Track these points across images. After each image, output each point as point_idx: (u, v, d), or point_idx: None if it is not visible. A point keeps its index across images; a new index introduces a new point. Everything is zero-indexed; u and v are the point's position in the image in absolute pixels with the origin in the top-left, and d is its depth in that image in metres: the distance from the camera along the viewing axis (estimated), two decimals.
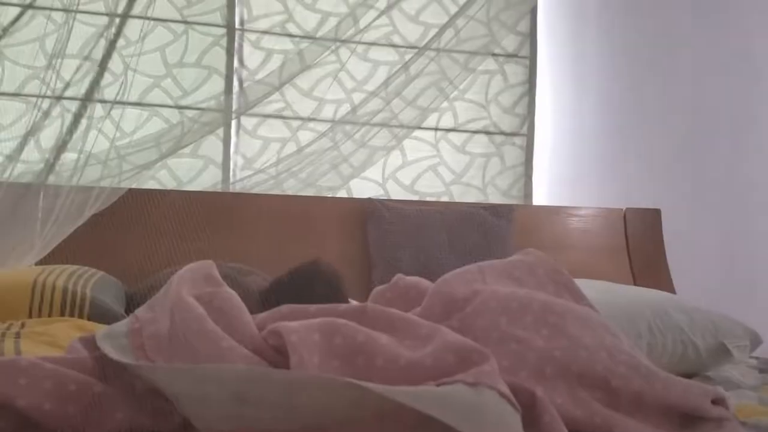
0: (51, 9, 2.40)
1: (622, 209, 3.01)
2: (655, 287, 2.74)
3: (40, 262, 2.14)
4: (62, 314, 1.68)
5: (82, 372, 0.94)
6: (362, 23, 2.70)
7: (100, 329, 1.52)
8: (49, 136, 2.37)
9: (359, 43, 2.96)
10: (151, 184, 2.68)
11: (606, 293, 2.03)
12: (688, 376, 1.79)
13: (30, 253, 2.05)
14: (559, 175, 3.27)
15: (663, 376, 1.05)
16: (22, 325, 1.50)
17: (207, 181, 2.83)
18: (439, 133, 3.17)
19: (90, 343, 1.03)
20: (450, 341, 0.96)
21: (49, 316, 1.66)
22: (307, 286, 1.56)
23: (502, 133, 3.26)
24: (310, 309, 1.05)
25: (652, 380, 1.04)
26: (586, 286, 2.19)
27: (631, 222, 3.00)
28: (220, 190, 2.79)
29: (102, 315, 1.71)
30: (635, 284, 2.85)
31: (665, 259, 2.91)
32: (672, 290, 2.78)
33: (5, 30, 2.14)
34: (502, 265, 1.29)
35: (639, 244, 2.96)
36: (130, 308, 1.97)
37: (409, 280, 1.30)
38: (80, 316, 1.70)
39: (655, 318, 1.87)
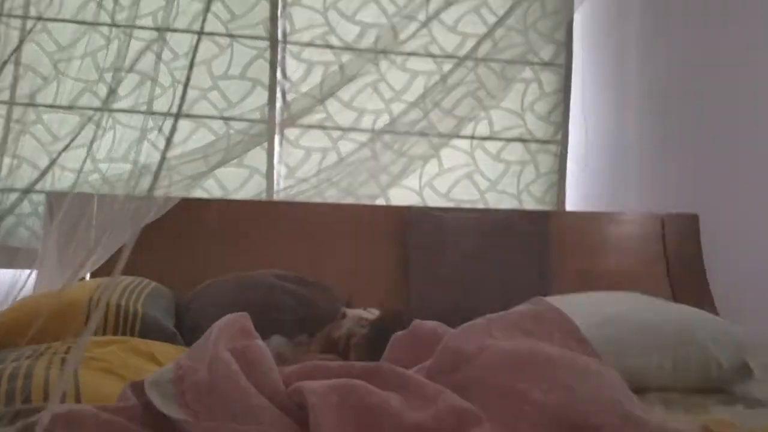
0: (106, 24, 2.50)
1: (659, 215, 3.00)
2: (692, 295, 2.75)
3: (98, 270, 2.25)
4: (116, 330, 1.79)
5: (133, 420, 1.08)
6: (402, 35, 2.76)
7: (150, 345, 1.61)
8: (102, 147, 2.48)
9: (398, 53, 3.03)
10: (198, 193, 2.77)
11: (632, 311, 2.07)
12: (712, 392, 1.83)
13: (87, 263, 2.15)
14: (595, 182, 3.28)
15: (654, 425, 1.08)
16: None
17: (252, 190, 2.92)
18: (474, 141, 3.21)
19: (139, 389, 1.14)
20: (450, 404, 1.05)
21: (104, 333, 1.77)
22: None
23: (537, 140, 3.29)
24: (331, 366, 1.16)
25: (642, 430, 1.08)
26: (614, 300, 2.22)
27: (670, 228, 2.98)
28: (264, 199, 2.88)
29: (152, 331, 1.83)
30: (672, 292, 2.86)
31: (703, 266, 2.89)
32: (710, 298, 2.77)
33: (63, 49, 2.25)
34: (511, 317, 1.34)
35: (677, 251, 2.94)
36: (178, 319, 2.08)
37: (426, 327, 1.35)
38: (132, 332, 1.81)
39: (680, 335, 1.90)
